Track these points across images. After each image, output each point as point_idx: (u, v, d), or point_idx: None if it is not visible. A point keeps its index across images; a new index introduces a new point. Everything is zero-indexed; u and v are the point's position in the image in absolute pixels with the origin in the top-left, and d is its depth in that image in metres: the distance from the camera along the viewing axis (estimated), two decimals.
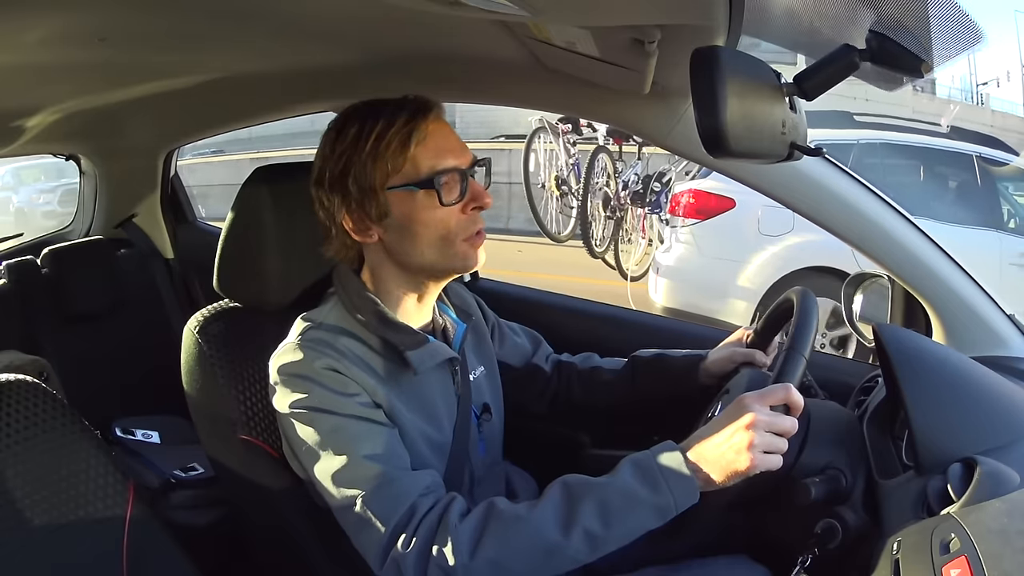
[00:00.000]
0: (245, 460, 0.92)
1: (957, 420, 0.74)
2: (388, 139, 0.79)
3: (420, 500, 0.77)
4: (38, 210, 5.99)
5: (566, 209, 5.20)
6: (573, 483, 0.77)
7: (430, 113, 0.81)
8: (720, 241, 3.35)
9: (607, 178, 5.06)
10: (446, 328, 0.93)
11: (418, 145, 0.80)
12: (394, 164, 0.80)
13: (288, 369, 0.80)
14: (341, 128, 0.82)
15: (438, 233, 0.82)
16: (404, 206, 0.81)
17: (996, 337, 1.00)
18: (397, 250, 0.84)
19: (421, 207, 0.81)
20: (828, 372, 1.10)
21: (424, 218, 0.81)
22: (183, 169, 2.05)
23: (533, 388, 1.09)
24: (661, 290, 3.53)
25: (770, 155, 0.69)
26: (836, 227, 1.00)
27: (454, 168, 0.81)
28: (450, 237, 0.82)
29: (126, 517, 0.89)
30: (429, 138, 0.81)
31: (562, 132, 5.04)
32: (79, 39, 0.90)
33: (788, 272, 3.15)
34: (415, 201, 0.81)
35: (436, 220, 0.81)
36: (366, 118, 0.81)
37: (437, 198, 0.80)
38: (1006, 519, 0.60)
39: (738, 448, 0.71)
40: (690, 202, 3.40)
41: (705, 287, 3.40)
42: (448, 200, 0.81)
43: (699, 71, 0.59)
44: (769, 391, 0.75)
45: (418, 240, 0.82)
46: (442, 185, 0.80)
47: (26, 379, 0.88)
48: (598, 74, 0.92)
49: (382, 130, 0.79)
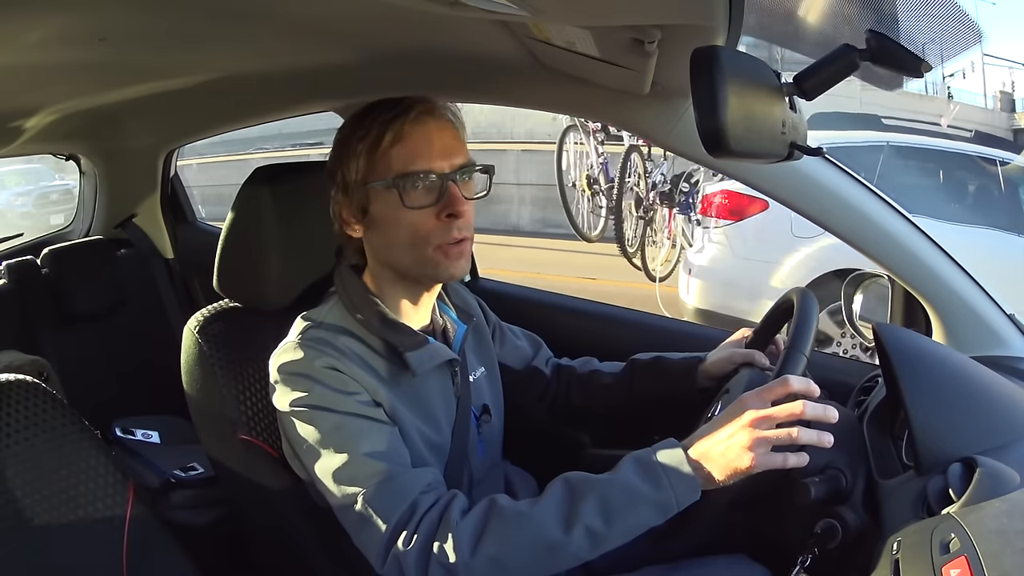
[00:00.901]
0: (245, 460, 0.92)
1: (957, 420, 0.74)
2: (372, 136, 0.81)
3: (421, 497, 0.77)
4: (16, 211, 6.67)
5: (596, 209, 5.13)
6: (575, 480, 0.76)
7: (411, 112, 0.81)
8: (753, 242, 3.33)
9: (638, 178, 4.97)
10: (446, 329, 0.93)
11: (395, 144, 0.80)
12: (371, 160, 0.81)
13: (288, 368, 0.80)
14: (346, 123, 0.84)
15: (407, 235, 0.81)
16: (381, 204, 0.82)
17: (996, 337, 1.00)
18: (377, 249, 0.85)
19: (393, 207, 0.81)
20: (828, 372, 1.09)
21: (394, 218, 0.81)
22: (201, 168, 2.06)
23: (532, 391, 1.09)
24: (693, 291, 3.51)
25: (770, 155, 0.69)
26: (836, 227, 1.00)
27: (425, 171, 0.80)
28: (419, 242, 0.81)
29: (126, 517, 0.88)
30: (407, 138, 0.80)
31: (592, 131, 4.96)
32: (79, 39, 0.90)
33: (822, 273, 3.09)
34: (389, 200, 0.81)
35: (405, 222, 0.81)
36: (365, 114, 0.82)
37: (399, 199, 0.80)
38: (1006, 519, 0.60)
39: (740, 446, 0.71)
40: (723, 203, 3.38)
41: (738, 288, 3.36)
42: (410, 203, 0.80)
43: (699, 71, 0.59)
44: (768, 387, 0.75)
45: (392, 240, 0.83)
46: (405, 188, 0.80)
47: (26, 379, 0.88)
48: (598, 74, 0.92)
49: (369, 126, 0.81)
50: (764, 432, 0.71)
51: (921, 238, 1.00)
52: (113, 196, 1.95)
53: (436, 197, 0.81)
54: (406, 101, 0.82)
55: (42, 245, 1.83)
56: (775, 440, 0.71)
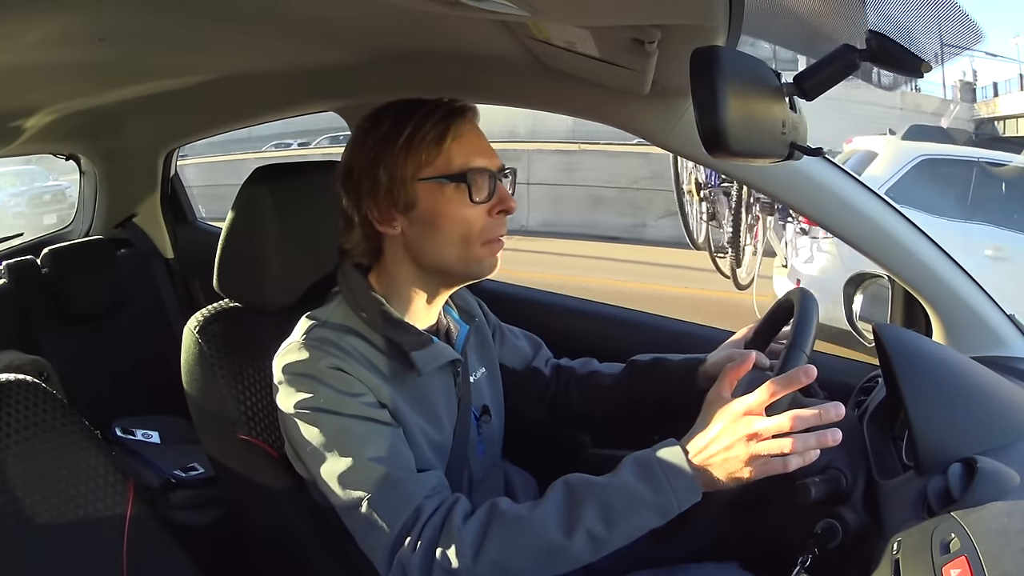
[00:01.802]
0: (245, 460, 0.92)
1: (957, 420, 0.74)
2: (424, 132, 0.81)
3: (425, 502, 0.77)
4: (9, 211, 6.92)
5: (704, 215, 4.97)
6: (575, 483, 0.76)
7: (467, 114, 0.83)
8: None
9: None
10: (449, 329, 0.93)
11: (453, 141, 0.81)
12: (428, 156, 0.81)
13: (293, 368, 0.80)
14: (375, 122, 0.83)
15: (461, 231, 0.82)
16: (432, 199, 0.82)
17: (996, 337, 1.00)
18: (418, 245, 0.84)
19: (449, 201, 0.81)
20: (828, 372, 1.09)
21: (450, 213, 0.82)
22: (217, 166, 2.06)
23: (532, 392, 1.09)
24: None
25: (770, 155, 0.69)
26: (836, 227, 1.00)
27: (485, 168, 0.82)
28: (471, 238, 0.82)
29: (126, 517, 0.88)
30: (464, 137, 0.82)
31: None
32: (79, 39, 0.90)
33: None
34: (443, 195, 0.81)
35: (461, 217, 0.82)
36: (402, 113, 0.82)
37: (467, 194, 0.81)
38: (1006, 519, 0.60)
39: (738, 460, 0.71)
40: None
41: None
42: (477, 198, 0.81)
43: (699, 71, 0.59)
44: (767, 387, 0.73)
45: (441, 236, 0.83)
46: (473, 182, 0.81)
47: (26, 379, 0.88)
48: (598, 74, 0.92)
49: (418, 123, 0.81)
50: (759, 446, 0.71)
51: (921, 238, 1.00)
52: (113, 196, 1.95)
53: (489, 193, 0.82)
54: (451, 102, 0.83)
55: (42, 245, 1.83)
56: (769, 454, 0.71)
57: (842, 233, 1.00)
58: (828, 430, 0.71)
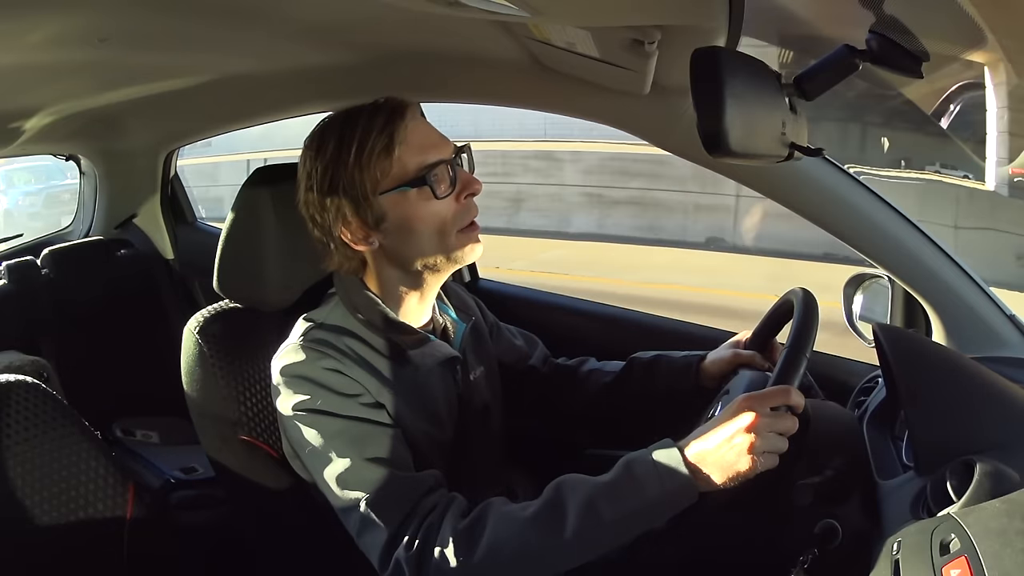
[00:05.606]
0: (245, 460, 0.92)
1: (957, 420, 0.74)
2: (371, 146, 0.79)
3: (422, 502, 0.77)
4: (24, 212, 6.26)
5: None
6: (571, 483, 0.76)
7: (407, 112, 0.82)
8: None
9: None
10: (446, 328, 0.93)
11: (401, 145, 0.80)
12: (382, 169, 0.80)
13: (291, 370, 0.81)
14: (321, 143, 0.82)
15: (435, 226, 0.82)
16: (399, 208, 0.81)
17: (996, 337, 1.00)
18: (398, 251, 0.84)
19: (415, 205, 0.81)
20: (828, 372, 1.09)
21: (420, 214, 0.82)
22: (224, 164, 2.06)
23: (530, 390, 1.09)
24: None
25: (770, 155, 0.69)
26: (836, 228, 1.00)
27: (440, 161, 0.82)
28: (447, 230, 0.83)
29: (126, 517, 0.89)
30: (410, 137, 0.81)
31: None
32: (79, 39, 0.90)
33: None
34: (408, 201, 0.81)
35: (432, 214, 0.82)
36: (343, 128, 0.81)
37: (431, 192, 0.80)
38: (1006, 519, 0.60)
39: (739, 450, 0.71)
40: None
41: None
42: (441, 192, 0.81)
43: (699, 72, 0.59)
44: (769, 392, 0.74)
45: (417, 237, 0.83)
46: (433, 179, 0.80)
47: (26, 380, 0.88)
48: (598, 74, 0.92)
49: (362, 137, 0.80)
50: (764, 437, 0.71)
51: (921, 238, 1.00)
52: (113, 196, 1.95)
53: (451, 182, 0.82)
54: (387, 104, 0.82)
55: (42, 245, 1.83)
56: (774, 448, 0.71)
57: (842, 233, 1.00)
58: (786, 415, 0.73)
